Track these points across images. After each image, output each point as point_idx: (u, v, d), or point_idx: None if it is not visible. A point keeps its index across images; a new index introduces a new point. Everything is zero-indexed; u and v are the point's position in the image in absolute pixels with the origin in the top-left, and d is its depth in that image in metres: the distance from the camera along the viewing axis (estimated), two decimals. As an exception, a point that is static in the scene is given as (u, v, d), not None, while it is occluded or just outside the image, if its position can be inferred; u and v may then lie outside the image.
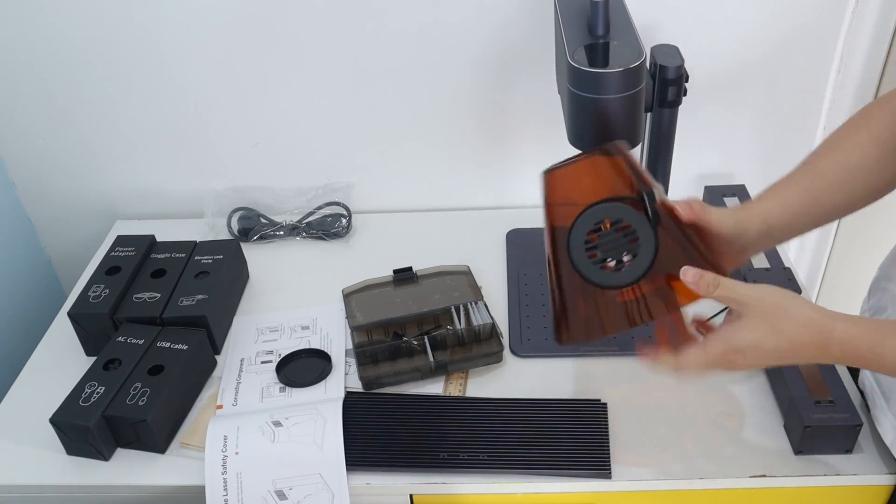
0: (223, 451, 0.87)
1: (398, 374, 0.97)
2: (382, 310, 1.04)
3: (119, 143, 1.25)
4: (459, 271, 1.11)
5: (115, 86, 1.19)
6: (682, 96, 0.98)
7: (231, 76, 1.18)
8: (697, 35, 1.12)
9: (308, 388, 0.96)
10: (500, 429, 0.90)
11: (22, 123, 1.24)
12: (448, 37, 1.13)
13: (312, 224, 1.26)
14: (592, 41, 0.89)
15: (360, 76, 1.17)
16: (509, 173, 1.26)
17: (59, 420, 0.89)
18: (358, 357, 0.99)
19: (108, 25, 1.13)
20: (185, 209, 1.32)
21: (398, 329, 1.02)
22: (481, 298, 1.04)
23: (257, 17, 1.12)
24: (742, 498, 0.87)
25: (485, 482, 0.86)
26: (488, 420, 0.91)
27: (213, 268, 1.08)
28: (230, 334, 1.07)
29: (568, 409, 0.92)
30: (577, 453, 0.87)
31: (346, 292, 1.10)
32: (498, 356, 0.98)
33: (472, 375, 0.99)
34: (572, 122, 0.91)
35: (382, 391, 0.96)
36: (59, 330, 1.11)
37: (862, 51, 1.13)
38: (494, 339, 1.00)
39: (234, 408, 0.94)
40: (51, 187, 1.31)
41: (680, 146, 1.05)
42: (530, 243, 1.21)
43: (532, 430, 0.90)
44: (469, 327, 0.99)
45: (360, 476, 0.87)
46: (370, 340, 1.01)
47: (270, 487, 0.85)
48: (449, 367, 0.97)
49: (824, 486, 0.86)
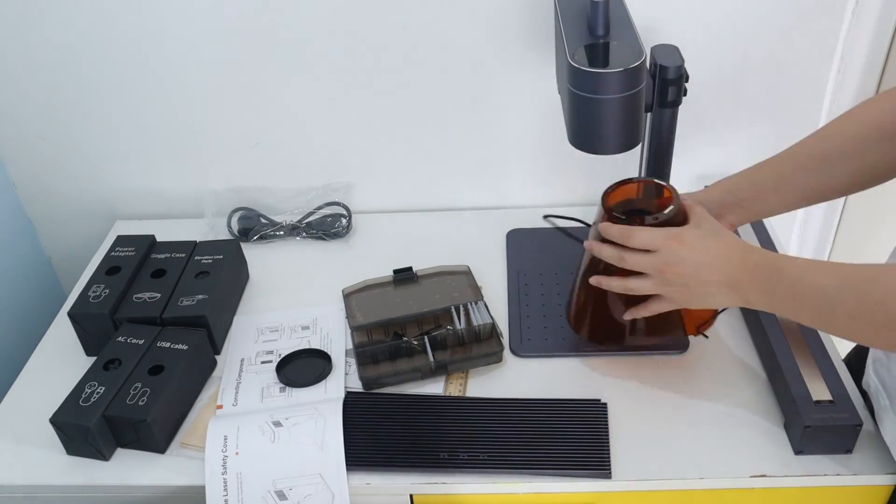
0: (223, 451, 0.87)
1: (398, 373, 0.97)
2: (382, 310, 1.04)
3: (119, 144, 1.25)
4: (459, 271, 1.11)
5: (115, 86, 1.19)
6: (682, 96, 0.98)
7: (231, 76, 1.18)
8: (697, 35, 1.12)
9: (308, 388, 0.96)
10: (501, 428, 0.90)
11: (22, 123, 1.24)
12: (448, 37, 1.13)
13: (312, 224, 1.26)
14: (592, 41, 0.89)
15: (360, 76, 1.17)
16: (509, 173, 1.26)
17: (59, 420, 0.89)
18: (358, 357, 0.99)
19: (108, 26, 1.13)
20: (185, 209, 1.32)
21: (398, 329, 1.02)
22: (481, 298, 1.04)
23: (258, 17, 1.12)
24: (742, 498, 0.87)
25: (485, 482, 0.86)
26: (489, 420, 0.91)
27: (213, 268, 1.08)
28: (230, 334, 1.07)
29: (568, 409, 0.92)
30: (578, 453, 0.87)
31: (347, 292, 1.10)
32: (498, 356, 0.98)
33: (472, 375, 0.99)
34: (572, 122, 0.91)
35: (383, 391, 0.96)
36: (59, 330, 1.11)
37: (862, 51, 1.13)
38: (494, 339, 1.00)
39: (235, 408, 0.94)
40: (51, 187, 1.31)
41: (680, 146, 1.05)
42: (530, 243, 1.21)
43: (532, 430, 0.90)
44: (469, 327, 0.99)
45: (361, 476, 0.87)
46: (370, 340, 1.01)
47: (270, 487, 0.85)
48: (449, 367, 0.97)
49: (824, 486, 0.86)
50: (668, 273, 0.80)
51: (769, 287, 0.75)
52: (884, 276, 0.68)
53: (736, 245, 0.79)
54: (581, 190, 1.28)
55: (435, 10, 1.11)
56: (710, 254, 0.79)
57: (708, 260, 0.78)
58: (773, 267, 0.76)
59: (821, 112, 1.20)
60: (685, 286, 0.80)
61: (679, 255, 0.79)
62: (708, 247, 0.79)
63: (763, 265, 0.76)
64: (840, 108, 1.19)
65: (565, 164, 1.25)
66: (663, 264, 0.80)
